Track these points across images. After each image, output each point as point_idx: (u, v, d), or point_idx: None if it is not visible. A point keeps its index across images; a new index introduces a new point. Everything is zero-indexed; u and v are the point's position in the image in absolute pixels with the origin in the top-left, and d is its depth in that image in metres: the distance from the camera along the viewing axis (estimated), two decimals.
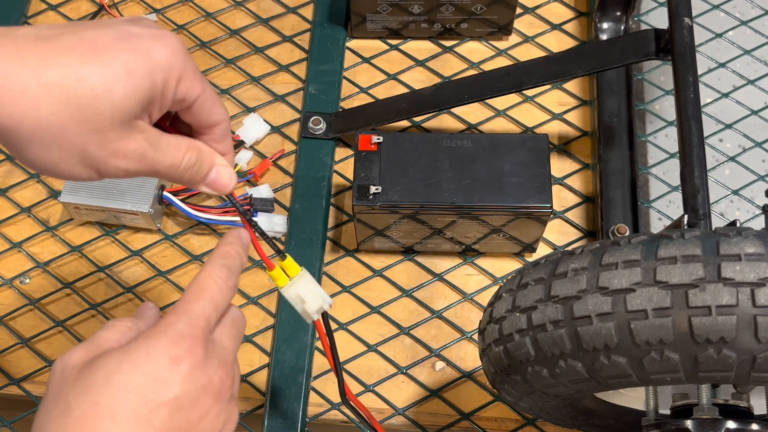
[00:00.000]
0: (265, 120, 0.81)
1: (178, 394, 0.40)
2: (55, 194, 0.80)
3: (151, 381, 0.40)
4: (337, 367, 0.54)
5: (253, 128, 0.80)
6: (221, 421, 0.43)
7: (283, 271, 0.51)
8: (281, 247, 0.53)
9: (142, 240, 0.78)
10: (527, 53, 0.85)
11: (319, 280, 0.75)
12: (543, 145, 0.69)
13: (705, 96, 0.81)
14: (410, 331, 0.74)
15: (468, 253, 0.76)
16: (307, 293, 0.51)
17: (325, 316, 0.52)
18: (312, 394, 0.72)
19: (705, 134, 0.67)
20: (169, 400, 0.40)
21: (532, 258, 0.76)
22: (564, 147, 0.80)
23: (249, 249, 0.49)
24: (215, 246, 0.48)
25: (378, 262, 0.76)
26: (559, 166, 0.80)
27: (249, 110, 0.82)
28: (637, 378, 0.46)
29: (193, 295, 0.44)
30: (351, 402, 0.59)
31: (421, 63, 0.84)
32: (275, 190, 0.79)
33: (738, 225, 0.50)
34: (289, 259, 0.51)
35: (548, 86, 0.82)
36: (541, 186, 0.68)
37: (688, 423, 0.52)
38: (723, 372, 0.44)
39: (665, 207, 0.78)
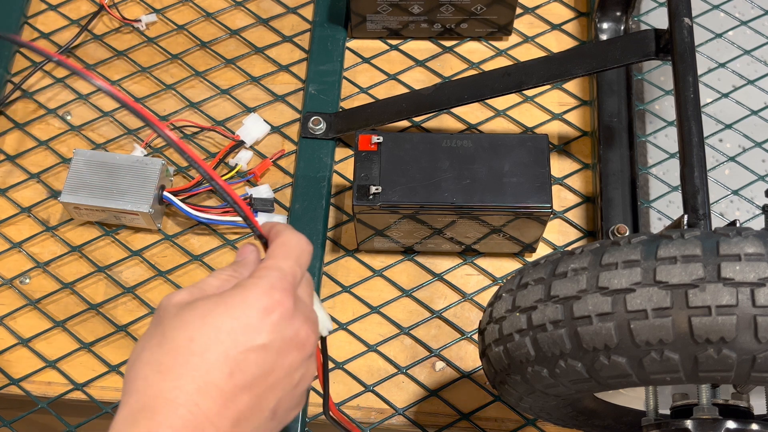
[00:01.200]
0: (265, 120, 0.81)
1: (267, 341, 0.43)
2: (55, 194, 0.80)
3: (243, 326, 0.42)
4: (326, 383, 0.55)
5: (253, 128, 0.80)
6: (300, 375, 0.45)
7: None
8: None
9: (143, 240, 0.78)
10: (527, 53, 0.85)
11: (319, 280, 0.75)
12: (543, 145, 0.69)
13: (705, 96, 0.81)
14: (410, 331, 0.74)
15: (468, 253, 0.76)
16: (318, 311, 0.50)
17: (323, 341, 0.52)
18: (312, 393, 0.72)
19: (705, 134, 0.67)
20: (257, 346, 0.42)
21: (532, 258, 0.76)
22: (564, 147, 0.80)
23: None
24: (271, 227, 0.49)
25: (378, 262, 0.76)
26: (559, 166, 0.80)
27: (249, 110, 0.82)
28: (637, 378, 0.46)
29: (281, 252, 0.46)
30: (334, 416, 0.59)
31: (421, 63, 0.84)
32: (275, 190, 0.79)
33: (738, 225, 0.50)
34: None
35: (548, 86, 0.82)
36: (541, 186, 0.68)
37: (688, 423, 0.52)
38: (723, 372, 0.44)
39: (665, 207, 0.78)
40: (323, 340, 0.51)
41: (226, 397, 0.41)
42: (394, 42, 0.85)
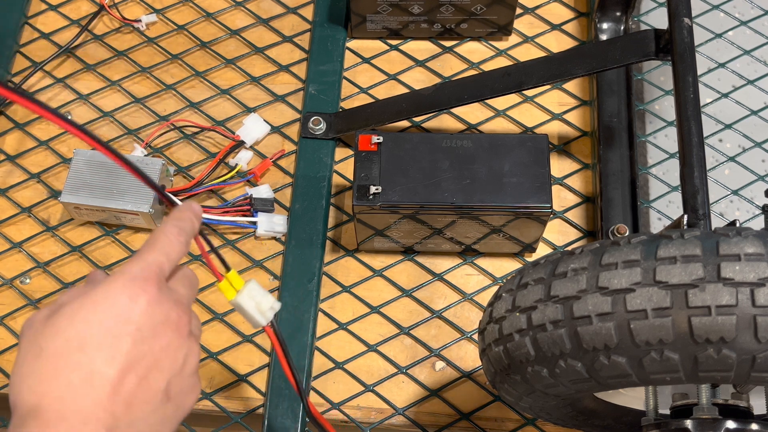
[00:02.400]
0: (265, 120, 0.81)
1: (139, 325, 0.44)
2: (55, 194, 0.80)
3: (112, 316, 0.43)
4: (296, 377, 0.55)
5: (253, 128, 0.80)
6: (183, 354, 0.46)
7: (230, 283, 0.52)
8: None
9: (143, 240, 0.78)
10: (527, 53, 0.85)
11: (319, 280, 0.75)
12: (543, 145, 0.69)
13: (705, 96, 0.81)
14: (410, 331, 0.74)
15: (468, 253, 0.76)
16: (256, 295, 0.52)
17: (275, 324, 0.53)
18: (312, 393, 0.72)
19: (705, 134, 0.67)
20: (131, 331, 0.43)
21: (532, 258, 0.76)
22: (564, 147, 0.80)
23: (200, 219, 0.52)
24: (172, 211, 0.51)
25: (378, 262, 0.76)
26: (559, 166, 0.80)
27: (249, 110, 0.83)
28: (637, 378, 0.46)
29: (146, 247, 0.47)
30: (315, 417, 0.59)
31: (421, 63, 0.84)
32: (275, 190, 0.79)
33: (738, 225, 0.50)
34: (234, 272, 0.52)
35: (548, 86, 0.82)
36: (541, 186, 0.68)
37: (688, 423, 0.52)
38: (723, 372, 0.44)
39: (665, 207, 0.78)
40: (274, 323, 0.52)
41: (112, 382, 0.42)
42: (394, 42, 0.85)
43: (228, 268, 0.52)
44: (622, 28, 0.82)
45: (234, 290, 0.52)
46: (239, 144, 0.80)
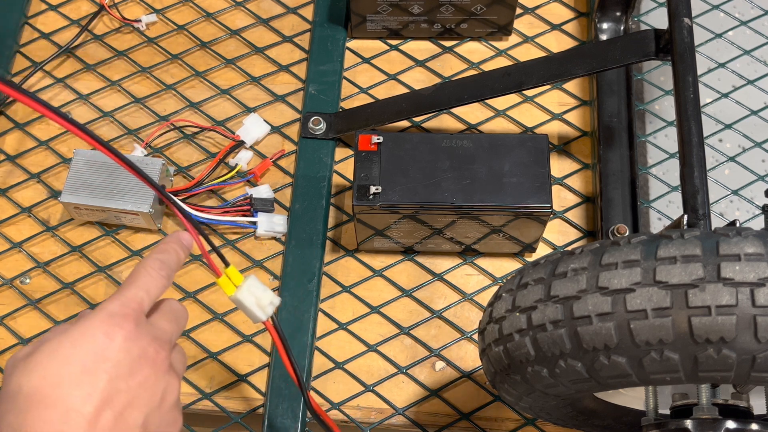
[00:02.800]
0: (265, 120, 0.81)
1: (115, 362, 0.45)
2: (55, 194, 0.80)
3: (89, 353, 0.44)
4: (297, 373, 0.55)
5: (253, 128, 0.80)
6: (161, 389, 0.47)
7: (229, 279, 0.52)
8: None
9: (143, 240, 0.78)
10: (527, 53, 0.85)
11: (319, 280, 0.75)
12: (543, 145, 0.69)
13: (705, 96, 0.81)
14: (410, 331, 0.74)
15: (468, 253, 0.76)
16: (255, 290, 0.52)
17: (275, 319, 0.53)
18: (312, 393, 0.72)
19: (705, 134, 0.67)
20: (107, 368, 0.44)
21: (532, 258, 0.76)
22: (564, 147, 0.80)
23: (189, 248, 0.53)
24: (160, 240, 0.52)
25: (378, 262, 0.76)
26: (559, 166, 0.80)
27: (249, 110, 0.83)
28: (637, 378, 0.46)
29: (125, 284, 0.48)
30: (317, 412, 0.59)
31: (421, 63, 0.84)
32: (275, 190, 0.79)
33: (738, 225, 0.50)
34: (232, 267, 0.52)
35: (548, 86, 0.82)
36: (541, 186, 0.68)
37: (688, 423, 0.52)
38: (723, 372, 0.44)
39: (665, 207, 0.78)
40: (274, 318, 0.53)
41: (88, 419, 0.43)
42: (394, 42, 0.85)
43: (227, 264, 0.52)
44: (622, 28, 0.82)
45: (233, 286, 0.52)
46: (239, 144, 0.80)
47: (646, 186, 0.80)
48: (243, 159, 0.79)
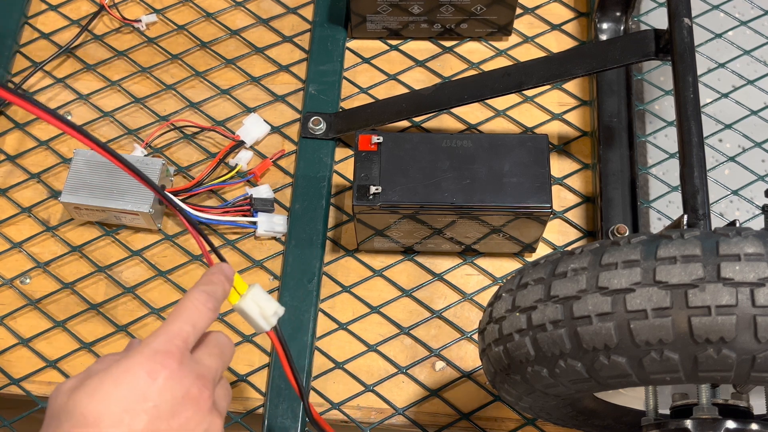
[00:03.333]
0: (265, 120, 0.81)
1: (157, 403, 0.44)
2: (55, 194, 0.80)
3: (131, 393, 0.44)
4: (298, 382, 0.55)
5: (253, 128, 0.80)
6: (203, 429, 0.46)
7: (236, 290, 0.52)
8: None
9: (143, 240, 0.78)
10: (527, 53, 0.85)
11: (319, 280, 0.75)
12: (543, 145, 0.69)
13: (705, 96, 0.81)
14: (410, 331, 0.74)
15: (468, 253, 0.76)
16: (260, 300, 0.51)
17: (278, 329, 0.53)
18: (312, 393, 0.72)
19: (705, 134, 0.67)
20: (148, 408, 0.43)
21: (532, 258, 0.76)
22: (564, 147, 0.80)
23: (232, 281, 0.52)
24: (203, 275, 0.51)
25: (378, 262, 0.76)
26: (559, 166, 0.80)
27: (249, 110, 0.83)
28: (637, 378, 0.46)
29: (172, 317, 0.47)
30: (317, 421, 0.59)
31: (421, 63, 0.84)
32: (275, 190, 0.79)
33: (737, 225, 0.50)
34: (237, 275, 0.52)
35: (548, 86, 0.82)
36: (541, 186, 0.68)
37: (688, 423, 0.52)
38: (723, 372, 0.44)
39: (665, 207, 0.78)
40: (278, 327, 0.52)
41: None
42: (394, 42, 0.85)
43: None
44: (622, 28, 0.82)
45: (237, 294, 0.52)
46: (239, 144, 0.80)
47: (646, 186, 0.80)
48: (243, 159, 0.79)
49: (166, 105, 0.83)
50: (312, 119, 0.80)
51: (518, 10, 0.84)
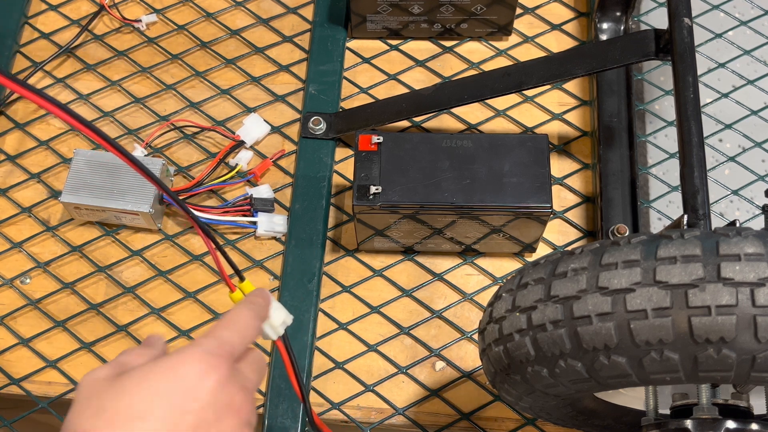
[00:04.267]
0: (265, 120, 0.81)
1: (204, 405, 0.43)
2: (55, 194, 0.80)
3: (180, 389, 0.42)
4: (302, 390, 0.55)
5: (253, 128, 0.80)
6: None
7: (243, 293, 0.52)
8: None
9: (143, 240, 0.78)
10: (527, 53, 0.85)
11: (319, 280, 0.75)
12: (543, 145, 0.69)
13: (705, 96, 0.81)
14: (410, 331, 0.74)
15: (468, 253, 0.76)
16: (269, 309, 0.51)
17: (286, 337, 0.52)
18: (312, 393, 0.72)
19: (705, 134, 0.67)
20: (195, 410, 0.42)
21: (532, 258, 0.76)
22: (564, 147, 0.80)
23: (269, 306, 0.51)
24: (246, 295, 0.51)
25: (378, 262, 0.76)
26: (559, 166, 0.80)
27: (249, 110, 0.83)
28: (637, 378, 0.46)
29: (220, 325, 0.47)
30: (318, 426, 0.59)
31: (421, 63, 0.84)
32: (275, 190, 0.79)
33: (738, 225, 0.50)
34: (248, 281, 0.52)
35: (548, 86, 0.82)
36: (541, 186, 0.68)
37: (688, 423, 0.52)
38: (723, 372, 0.44)
39: (665, 207, 0.78)
40: (286, 336, 0.52)
41: None
42: (394, 42, 0.85)
43: (242, 278, 0.51)
44: (622, 28, 0.82)
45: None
46: (239, 144, 0.80)
47: (646, 186, 0.80)
48: (243, 159, 0.79)
49: (166, 105, 0.83)
50: (312, 119, 0.80)
51: (518, 10, 0.84)
